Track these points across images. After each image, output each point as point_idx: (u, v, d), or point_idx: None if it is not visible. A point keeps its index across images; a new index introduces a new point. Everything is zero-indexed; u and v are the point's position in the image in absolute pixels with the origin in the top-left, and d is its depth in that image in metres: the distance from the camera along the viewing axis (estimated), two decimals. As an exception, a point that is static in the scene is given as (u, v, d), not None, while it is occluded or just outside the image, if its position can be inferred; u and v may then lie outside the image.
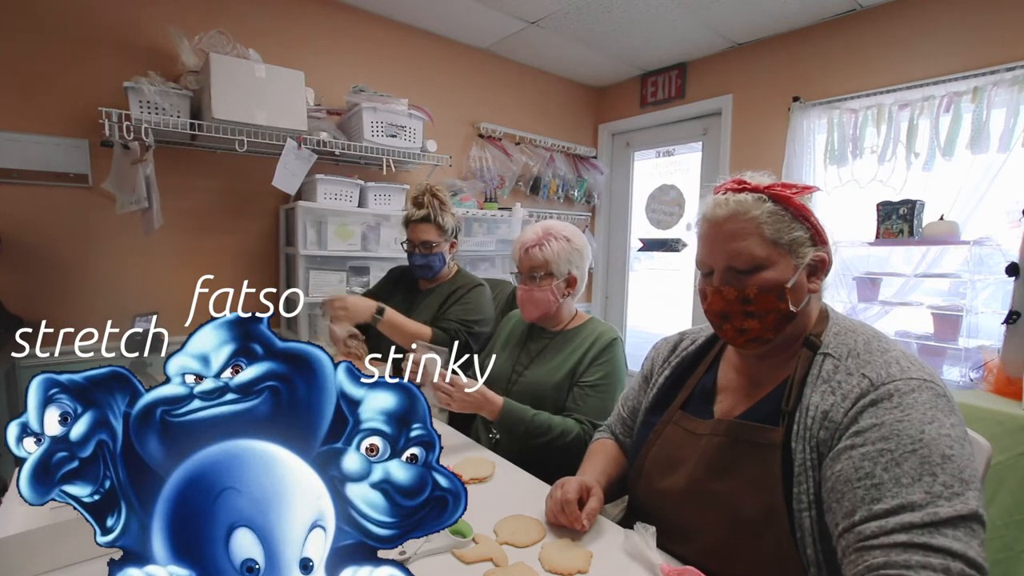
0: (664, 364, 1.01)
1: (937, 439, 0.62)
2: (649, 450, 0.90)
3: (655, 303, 3.82)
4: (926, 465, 0.61)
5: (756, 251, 0.76)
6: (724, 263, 0.79)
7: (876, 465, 0.63)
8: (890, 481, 0.61)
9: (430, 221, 1.72)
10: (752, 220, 0.77)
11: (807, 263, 0.78)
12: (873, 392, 0.68)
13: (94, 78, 1.94)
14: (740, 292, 0.78)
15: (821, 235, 0.80)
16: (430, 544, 0.77)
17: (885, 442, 0.64)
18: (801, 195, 0.78)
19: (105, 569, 0.71)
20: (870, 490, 0.62)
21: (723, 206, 0.79)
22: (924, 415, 0.64)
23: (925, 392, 0.67)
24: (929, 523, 0.57)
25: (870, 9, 2.48)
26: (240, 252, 2.34)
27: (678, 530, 0.82)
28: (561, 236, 1.36)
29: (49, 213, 1.91)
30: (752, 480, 0.75)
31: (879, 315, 2.31)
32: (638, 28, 2.77)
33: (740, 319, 0.79)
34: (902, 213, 2.18)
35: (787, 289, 0.76)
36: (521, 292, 1.39)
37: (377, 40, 2.68)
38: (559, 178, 3.45)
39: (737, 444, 0.79)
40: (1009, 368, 1.75)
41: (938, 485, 0.59)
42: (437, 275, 1.81)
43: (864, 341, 0.76)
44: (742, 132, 3.00)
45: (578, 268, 1.38)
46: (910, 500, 0.59)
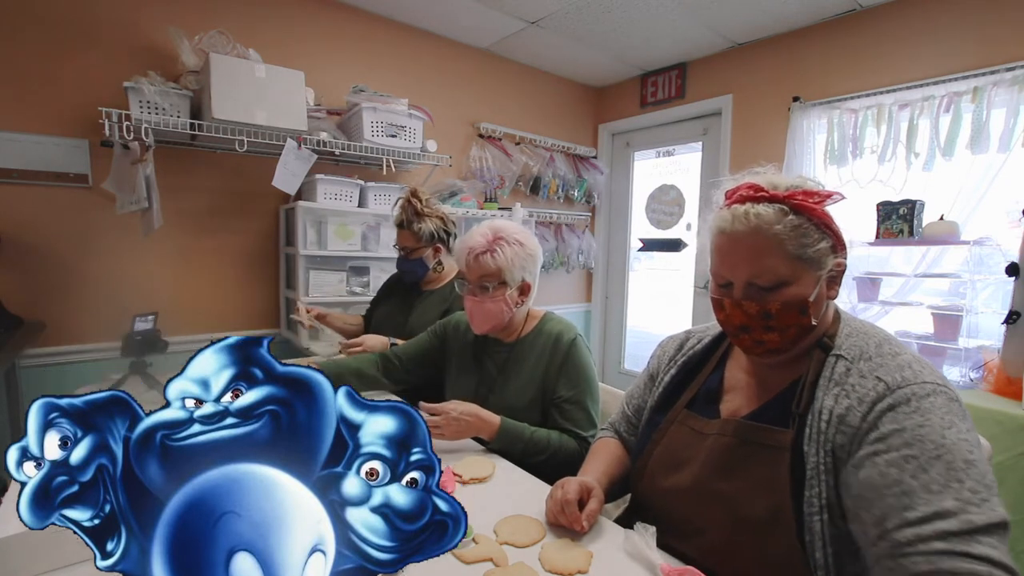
0: (671, 363, 1.00)
1: (958, 444, 0.62)
2: (654, 448, 0.90)
3: (655, 303, 3.82)
4: (952, 471, 0.61)
5: (780, 269, 0.74)
6: (745, 279, 0.77)
7: (903, 472, 0.63)
8: (920, 488, 0.61)
9: (404, 227, 1.75)
10: (775, 236, 0.73)
11: (828, 272, 0.76)
12: (890, 396, 0.68)
13: (94, 78, 1.94)
14: (762, 307, 0.75)
15: (841, 241, 0.77)
16: None
17: (909, 448, 0.64)
18: (824, 203, 0.75)
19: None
20: (900, 497, 0.62)
21: (742, 220, 0.75)
22: (942, 420, 0.64)
23: (940, 397, 0.67)
24: (965, 531, 0.58)
25: (870, 9, 2.48)
26: (240, 252, 2.34)
27: (680, 527, 0.82)
28: (514, 240, 1.25)
29: (49, 213, 1.91)
30: (759, 481, 0.74)
31: (879, 315, 2.31)
32: (638, 28, 2.77)
33: (760, 332, 0.77)
34: (902, 213, 2.18)
35: (809, 303, 0.75)
36: (470, 303, 1.27)
37: (377, 40, 2.68)
38: (559, 178, 3.45)
39: (745, 445, 0.78)
40: (1009, 368, 1.75)
41: (966, 491, 0.60)
42: (426, 278, 1.82)
43: (876, 344, 0.75)
44: (742, 132, 3.00)
45: (531, 274, 1.29)
46: (943, 507, 0.59)
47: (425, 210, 1.75)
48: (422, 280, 1.83)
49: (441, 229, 1.78)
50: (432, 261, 1.78)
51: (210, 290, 2.28)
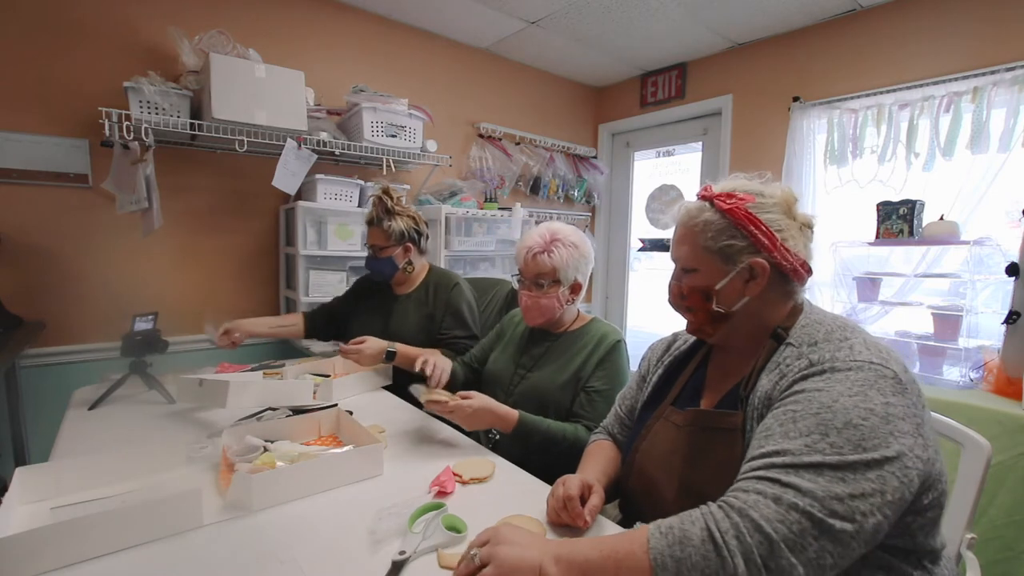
0: (658, 363, 1.05)
1: (850, 409, 0.63)
2: (639, 444, 0.93)
3: (655, 303, 3.82)
4: (821, 427, 0.62)
5: (690, 256, 0.85)
6: (675, 262, 0.90)
7: (775, 421, 0.67)
8: (779, 433, 0.65)
9: (373, 224, 1.72)
10: (692, 228, 0.85)
11: (740, 268, 0.82)
12: (809, 370, 0.70)
13: (94, 78, 1.94)
14: (679, 289, 0.88)
15: (761, 243, 0.80)
16: (427, 542, 0.77)
17: (795, 405, 0.67)
18: (738, 205, 0.81)
19: (105, 569, 0.71)
20: (760, 440, 0.66)
21: (681, 213, 0.88)
22: (849, 388, 0.65)
23: (865, 372, 0.66)
24: (789, 465, 0.60)
25: (870, 9, 2.48)
26: (240, 252, 2.34)
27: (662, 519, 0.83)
28: (569, 242, 1.34)
29: (49, 213, 1.91)
30: (720, 464, 0.77)
31: (879, 315, 2.31)
32: (638, 28, 2.77)
33: (683, 311, 0.90)
34: (902, 213, 2.18)
35: (715, 291, 0.83)
36: (526, 298, 1.37)
37: (377, 40, 2.68)
38: (559, 178, 3.45)
39: (705, 432, 0.82)
40: (1009, 368, 1.75)
41: (824, 443, 0.61)
42: (396, 279, 1.79)
43: (827, 331, 0.77)
44: (742, 132, 3.00)
45: (583, 274, 1.38)
46: (785, 447, 0.62)
47: (396, 208, 1.72)
48: (391, 280, 1.79)
49: (412, 229, 1.75)
50: (402, 261, 1.75)
51: (210, 290, 2.28)
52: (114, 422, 1.29)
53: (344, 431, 1.19)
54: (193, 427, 1.26)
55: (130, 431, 1.23)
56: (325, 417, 1.21)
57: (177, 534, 0.79)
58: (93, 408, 1.35)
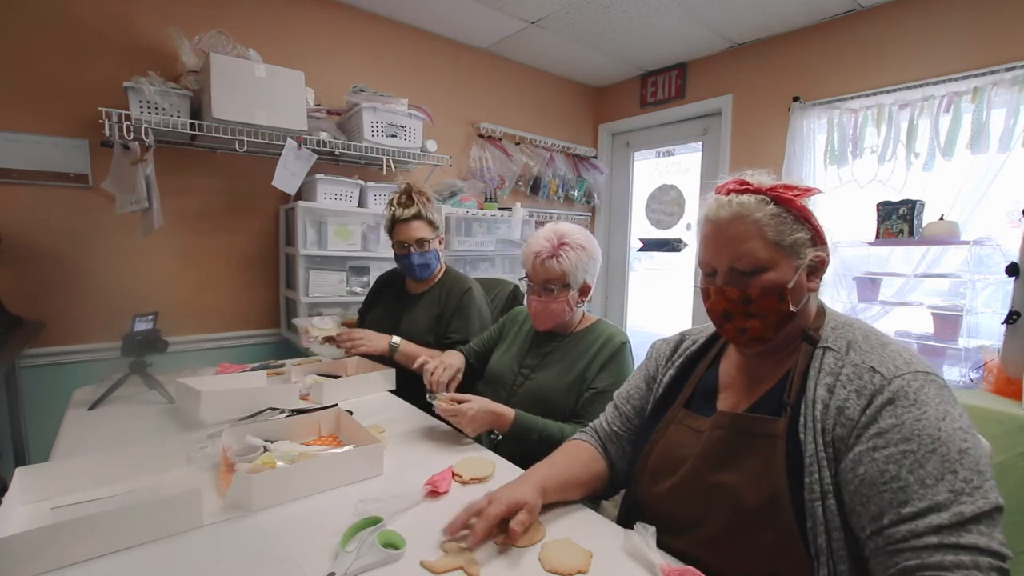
0: (668, 364, 1.01)
1: (952, 434, 0.64)
2: (653, 449, 0.90)
3: (655, 303, 3.82)
4: (946, 463, 0.63)
5: (759, 253, 0.78)
6: (727, 264, 0.80)
7: (901, 468, 0.65)
8: (915, 483, 0.63)
9: (421, 218, 1.69)
10: (755, 222, 0.78)
11: (807, 263, 0.79)
12: (888, 389, 0.69)
13: (94, 78, 1.94)
14: (743, 293, 0.79)
15: (821, 235, 0.81)
16: (362, 560, 0.72)
17: (907, 443, 0.65)
18: (803, 197, 0.79)
19: (105, 569, 0.71)
20: (896, 493, 0.64)
21: (726, 208, 0.79)
22: (937, 411, 0.66)
23: (932, 386, 0.68)
24: (956, 523, 0.60)
25: (870, 9, 2.48)
26: (240, 252, 2.34)
27: (678, 523, 0.82)
28: (577, 244, 1.32)
29: (49, 213, 1.91)
30: (755, 470, 0.75)
31: (879, 315, 2.31)
32: (638, 28, 2.77)
33: (742, 319, 0.80)
34: (902, 213, 2.18)
35: (788, 290, 0.78)
36: (535, 303, 1.35)
37: (377, 40, 2.68)
38: (559, 178, 3.45)
39: (739, 436, 0.79)
40: (1009, 368, 1.75)
41: (959, 482, 0.62)
42: (432, 275, 1.79)
43: (863, 335, 0.78)
44: (742, 132, 3.00)
45: (592, 275, 1.36)
46: (936, 501, 0.62)
47: (433, 197, 1.74)
48: (425, 277, 1.77)
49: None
50: (440, 254, 1.75)
51: (210, 290, 2.28)
52: (114, 422, 1.29)
53: (344, 431, 1.19)
54: (193, 427, 1.26)
55: (130, 431, 1.23)
56: (325, 417, 1.21)
57: (177, 534, 0.79)
58: (93, 408, 1.35)
